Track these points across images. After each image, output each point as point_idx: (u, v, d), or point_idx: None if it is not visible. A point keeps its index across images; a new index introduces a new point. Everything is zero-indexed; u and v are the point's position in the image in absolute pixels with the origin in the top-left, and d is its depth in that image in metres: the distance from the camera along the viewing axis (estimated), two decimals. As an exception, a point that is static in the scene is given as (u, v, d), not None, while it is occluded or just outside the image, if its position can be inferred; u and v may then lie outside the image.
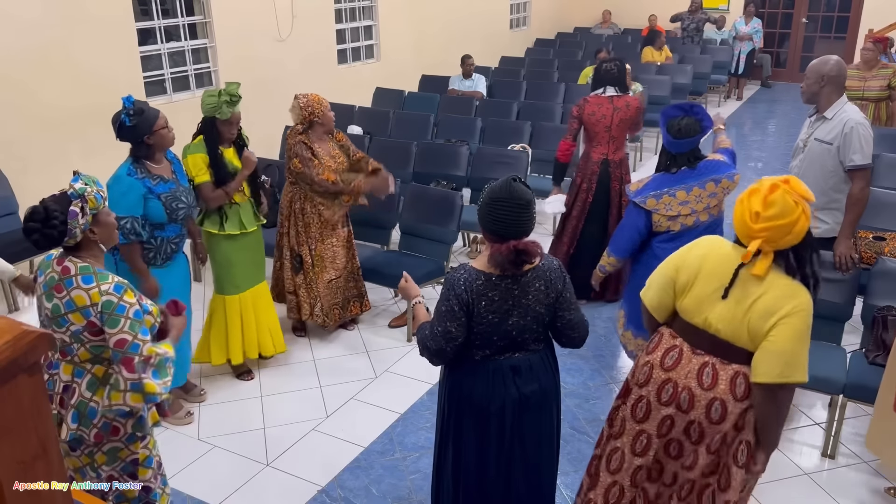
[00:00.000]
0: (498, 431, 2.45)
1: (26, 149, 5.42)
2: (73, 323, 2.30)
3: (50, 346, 1.19)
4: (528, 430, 2.47)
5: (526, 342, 2.41)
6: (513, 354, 2.41)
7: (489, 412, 2.42)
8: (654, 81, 8.95)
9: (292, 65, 7.65)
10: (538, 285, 2.35)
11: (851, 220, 3.63)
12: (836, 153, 3.59)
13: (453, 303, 2.30)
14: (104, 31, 5.84)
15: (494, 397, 2.40)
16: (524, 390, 2.42)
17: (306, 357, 4.39)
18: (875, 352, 3.42)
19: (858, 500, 3.19)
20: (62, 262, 2.33)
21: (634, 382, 2.43)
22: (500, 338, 2.37)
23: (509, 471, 2.50)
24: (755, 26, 11.42)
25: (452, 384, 2.50)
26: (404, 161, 6.04)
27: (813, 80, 3.66)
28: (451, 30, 10.26)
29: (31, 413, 1.18)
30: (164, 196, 3.37)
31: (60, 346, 2.35)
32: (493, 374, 2.40)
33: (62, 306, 2.30)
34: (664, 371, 2.33)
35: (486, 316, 2.32)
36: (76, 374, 2.37)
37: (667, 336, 2.38)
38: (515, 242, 2.24)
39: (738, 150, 9.00)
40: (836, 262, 3.59)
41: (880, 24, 10.41)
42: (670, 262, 2.35)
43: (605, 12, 13.30)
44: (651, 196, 3.34)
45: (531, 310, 2.35)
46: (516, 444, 2.47)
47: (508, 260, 2.25)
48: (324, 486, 3.29)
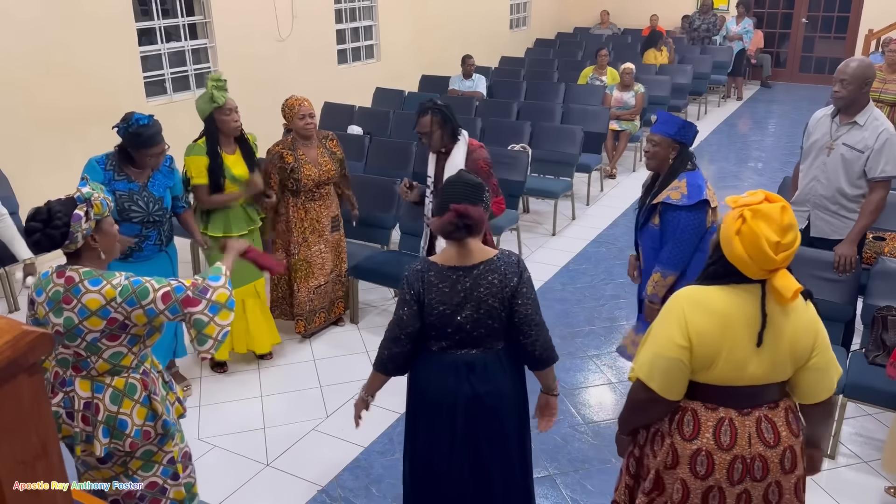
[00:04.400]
0: (449, 428, 2.47)
1: (26, 149, 5.42)
2: (89, 331, 2.25)
3: (50, 346, 1.19)
4: (480, 430, 2.48)
5: (482, 338, 2.42)
6: (469, 350, 2.43)
7: (441, 407, 2.46)
8: (654, 81, 8.96)
9: (292, 65, 7.66)
10: (491, 278, 2.37)
11: (864, 226, 3.61)
12: (865, 161, 3.54)
13: (406, 291, 2.43)
14: (104, 31, 5.84)
15: (446, 393, 2.44)
16: (478, 389, 2.43)
17: (306, 357, 4.39)
18: (875, 352, 3.42)
19: (858, 500, 3.19)
20: (63, 274, 2.27)
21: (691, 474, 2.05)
22: (455, 330, 2.40)
23: (460, 468, 2.52)
24: (746, 26, 11.42)
25: (411, 376, 2.58)
26: (404, 161, 6.04)
27: (856, 85, 3.49)
28: (451, 30, 10.26)
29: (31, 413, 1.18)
30: (119, 193, 3.43)
31: (74, 361, 2.31)
32: (447, 369, 2.44)
33: (75, 316, 2.24)
34: (726, 452, 2.01)
35: (436, 307, 2.37)
36: (96, 389, 2.33)
37: (703, 411, 2.04)
38: (456, 206, 2.31)
39: (738, 150, 9.01)
40: (836, 263, 3.59)
41: (880, 25, 10.43)
42: (668, 342, 1.96)
43: (603, 13, 13.30)
44: (705, 189, 3.11)
45: (484, 303, 2.36)
46: (467, 444, 2.49)
47: (453, 224, 2.30)
48: (324, 486, 3.29)
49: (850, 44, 12.14)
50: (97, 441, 2.33)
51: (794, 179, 3.98)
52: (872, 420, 3.68)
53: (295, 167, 4.15)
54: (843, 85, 3.53)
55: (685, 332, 1.94)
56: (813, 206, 3.77)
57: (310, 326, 4.47)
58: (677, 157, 3.14)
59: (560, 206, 6.48)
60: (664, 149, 3.14)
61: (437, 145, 3.63)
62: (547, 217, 6.46)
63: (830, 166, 3.65)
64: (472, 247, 2.40)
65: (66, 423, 2.35)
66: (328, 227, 4.38)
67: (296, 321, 4.43)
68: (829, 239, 3.73)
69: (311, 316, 4.46)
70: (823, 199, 3.71)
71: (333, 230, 4.43)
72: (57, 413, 2.33)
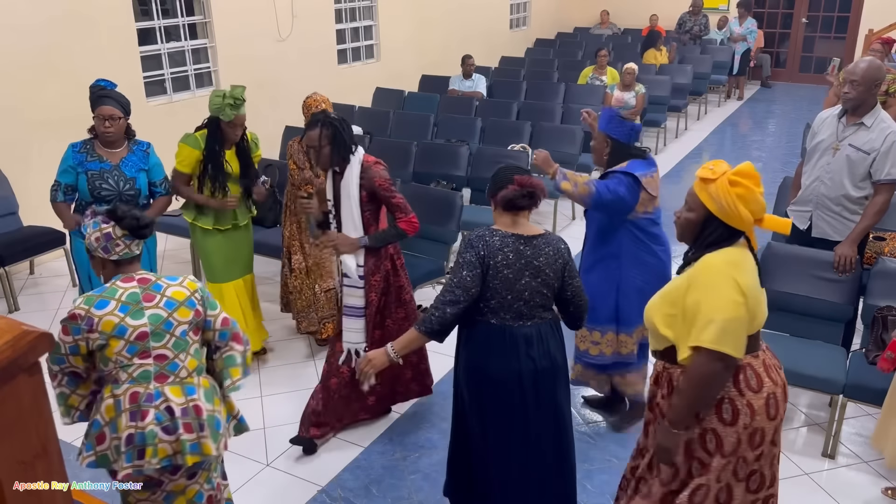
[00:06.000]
0: (519, 402, 2.56)
1: (27, 149, 5.42)
2: (179, 323, 2.27)
3: (50, 346, 1.19)
4: (546, 401, 2.59)
5: (536, 308, 2.54)
6: (526, 323, 2.53)
7: (506, 383, 2.53)
8: (654, 81, 8.95)
9: (292, 65, 7.65)
10: (548, 250, 2.54)
11: (866, 227, 3.60)
12: (871, 163, 3.53)
13: (471, 254, 2.49)
14: (104, 32, 5.84)
15: (510, 370, 2.52)
16: (538, 363, 2.53)
17: (306, 357, 4.39)
18: (875, 352, 3.41)
19: (858, 500, 3.19)
20: (132, 279, 2.27)
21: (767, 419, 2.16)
22: (514, 298, 2.50)
23: (537, 440, 2.61)
24: (749, 27, 11.42)
25: (468, 356, 2.61)
26: (404, 161, 6.04)
27: (866, 87, 3.49)
28: (451, 30, 10.26)
29: (31, 413, 1.18)
30: (91, 173, 3.64)
31: (157, 370, 2.23)
32: (509, 344, 2.51)
33: (162, 311, 2.25)
34: (779, 387, 2.20)
35: (501, 271, 2.48)
36: (188, 392, 2.27)
37: (754, 362, 2.16)
38: (519, 178, 2.52)
39: (738, 150, 9.01)
40: (836, 263, 3.59)
41: (880, 24, 10.41)
42: (729, 303, 2.04)
43: (603, 13, 13.30)
44: (646, 175, 3.26)
45: (541, 272, 2.51)
46: (539, 415, 2.58)
47: (519, 195, 2.50)
48: (324, 486, 3.29)
49: (850, 44, 12.14)
50: (208, 441, 2.27)
51: (797, 180, 3.97)
52: (872, 420, 3.68)
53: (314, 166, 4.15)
54: (854, 86, 3.51)
55: (739, 289, 2.06)
56: (815, 207, 3.76)
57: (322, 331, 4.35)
58: (610, 152, 3.33)
59: (560, 205, 6.48)
60: (599, 143, 3.37)
61: (326, 163, 3.23)
62: (547, 217, 6.45)
63: (835, 167, 3.64)
64: (525, 221, 2.60)
65: (162, 441, 2.21)
66: None
67: (322, 325, 4.31)
68: (830, 240, 3.73)
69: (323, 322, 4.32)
70: (826, 199, 3.71)
71: None
72: (152, 434, 2.19)
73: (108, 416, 2.23)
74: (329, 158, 3.20)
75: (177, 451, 2.24)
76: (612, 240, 3.35)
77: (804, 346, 3.59)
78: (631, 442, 3.24)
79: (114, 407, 2.23)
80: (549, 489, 2.69)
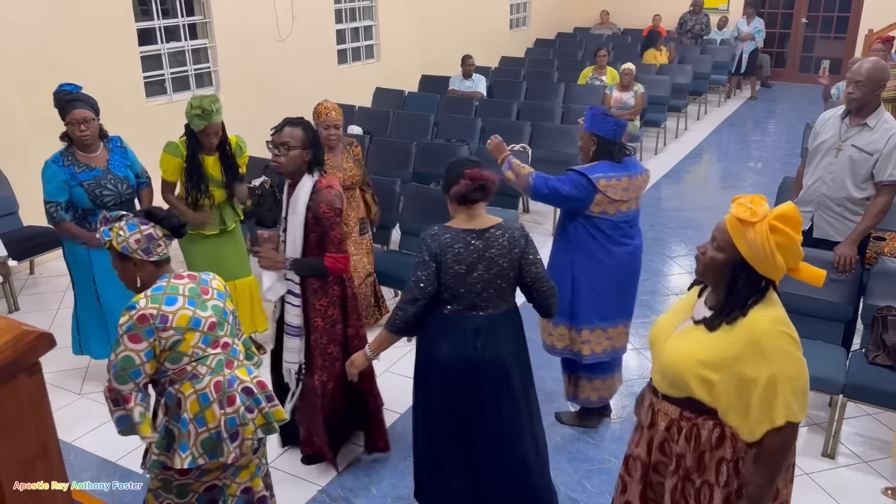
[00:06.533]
0: (464, 391, 2.63)
1: (26, 149, 5.42)
2: (230, 312, 2.39)
3: (50, 346, 1.19)
4: (492, 391, 2.64)
5: (490, 299, 2.60)
6: (478, 313, 2.61)
7: (453, 372, 2.62)
8: (654, 81, 8.95)
9: (292, 65, 7.65)
10: (501, 240, 2.59)
11: (867, 227, 3.60)
12: (873, 164, 3.52)
13: (425, 254, 2.59)
14: (104, 32, 5.84)
15: (456, 358, 2.61)
16: (485, 353, 2.58)
17: (306, 357, 4.39)
18: (875, 352, 3.42)
19: (858, 500, 3.19)
20: (181, 275, 2.33)
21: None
22: (466, 291, 2.58)
23: (480, 429, 2.68)
24: (757, 26, 11.42)
25: (422, 341, 2.73)
26: (404, 161, 6.04)
27: (870, 87, 3.48)
28: (451, 30, 10.26)
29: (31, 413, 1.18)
30: (87, 183, 3.62)
31: (226, 357, 2.32)
32: (458, 333, 2.60)
33: (218, 301, 2.34)
34: None
35: (452, 266, 2.56)
36: (249, 371, 2.39)
37: None
38: (469, 171, 2.56)
39: (738, 150, 9.02)
40: (836, 263, 3.59)
41: (880, 24, 10.42)
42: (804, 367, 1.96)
43: (603, 13, 13.30)
44: (603, 177, 3.24)
45: (495, 263, 2.57)
46: (484, 405, 2.65)
47: (471, 189, 2.55)
48: (324, 486, 3.29)
49: (850, 44, 12.14)
50: (279, 407, 2.42)
51: (798, 180, 3.97)
52: (872, 420, 3.68)
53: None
54: (858, 86, 3.50)
55: (798, 347, 1.94)
56: (816, 207, 3.76)
57: None
58: (596, 150, 3.31)
59: (560, 206, 6.47)
60: (585, 141, 3.37)
61: (288, 167, 2.98)
62: (547, 217, 6.45)
63: (837, 167, 3.63)
64: (481, 213, 2.64)
65: (250, 421, 2.32)
66: (356, 228, 4.35)
67: None
68: (831, 241, 3.72)
69: None
70: (828, 199, 3.70)
71: (362, 233, 4.41)
72: (244, 416, 2.30)
73: (193, 412, 2.26)
74: (293, 163, 2.95)
75: (258, 426, 2.36)
76: (570, 233, 3.35)
77: (804, 346, 3.56)
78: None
79: (198, 401, 2.26)
80: (503, 481, 2.74)
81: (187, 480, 2.33)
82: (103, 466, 3.35)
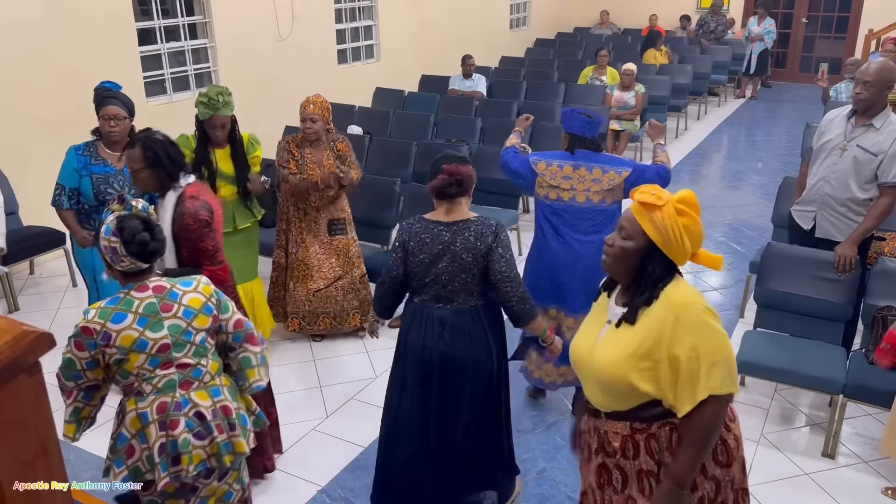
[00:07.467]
0: (422, 379, 2.71)
1: (27, 149, 5.42)
2: (198, 331, 2.22)
3: (50, 346, 1.18)
4: (451, 385, 2.69)
5: (457, 293, 2.65)
6: (445, 306, 2.67)
7: (417, 358, 2.71)
8: (654, 81, 8.95)
9: (292, 65, 7.65)
10: (467, 235, 2.62)
11: (868, 228, 3.59)
12: (878, 165, 3.51)
13: (397, 241, 2.72)
14: (104, 31, 5.84)
15: (422, 346, 2.68)
16: (450, 347, 2.65)
17: (306, 357, 4.39)
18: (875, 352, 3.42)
19: (858, 500, 3.19)
20: (146, 287, 2.19)
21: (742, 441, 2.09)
22: (432, 281, 2.64)
23: (427, 418, 2.75)
24: (767, 27, 11.41)
25: (400, 328, 2.81)
26: (404, 161, 6.04)
27: (878, 88, 3.46)
28: (451, 30, 10.26)
29: (31, 413, 1.18)
30: (96, 177, 3.65)
31: (181, 378, 2.20)
32: (425, 322, 2.68)
33: (181, 320, 2.19)
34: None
35: (417, 255, 2.65)
36: (214, 393, 2.26)
37: None
38: (447, 167, 2.61)
39: (738, 150, 9.01)
40: (836, 263, 3.59)
41: (880, 25, 10.43)
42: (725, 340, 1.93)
43: (603, 13, 13.30)
44: (543, 160, 3.49)
45: (458, 257, 2.61)
46: (438, 396, 2.71)
47: (447, 184, 2.60)
48: (324, 486, 3.29)
49: (850, 44, 12.14)
50: (240, 439, 2.27)
51: (801, 180, 3.96)
52: (872, 420, 3.68)
53: (300, 164, 4.15)
54: (866, 87, 3.49)
55: (719, 321, 1.93)
56: (819, 207, 3.75)
57: (309, 327, 4.41)
58: (568, 146, 3.53)
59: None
60: (563, 142, 3.60)
61: (143, 186, 2.92)
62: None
63: (841, 167, 3.62)
64: (459, 208, 2.69)
65: (196, 447, 2.20)
66: (324, 229, 4.28)
67: (290, 319, 4.37)
68: (834, 240, 3.72)
69: (311, 317, 4.37)
70: (831, 199, 3.69)
71: (335, 233, 4.30)
72: (185, 441, 2.17)
73: (134, 429, 2.20)
74: (147, 182, 2.87)
75: (211, 455, 2.23)
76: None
77: (804, 346, 3.59)
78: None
79: (139, 419, 2.19)
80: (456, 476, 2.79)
81: (153, 499, 2.29)
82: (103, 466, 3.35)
